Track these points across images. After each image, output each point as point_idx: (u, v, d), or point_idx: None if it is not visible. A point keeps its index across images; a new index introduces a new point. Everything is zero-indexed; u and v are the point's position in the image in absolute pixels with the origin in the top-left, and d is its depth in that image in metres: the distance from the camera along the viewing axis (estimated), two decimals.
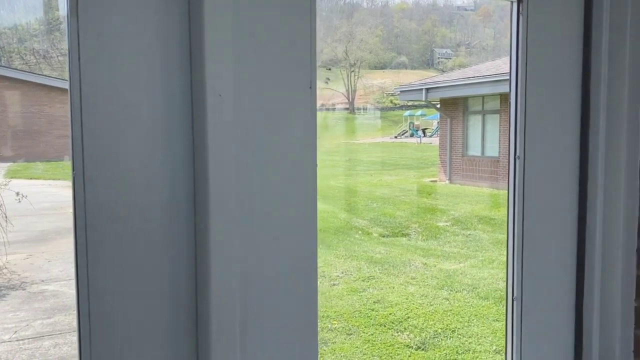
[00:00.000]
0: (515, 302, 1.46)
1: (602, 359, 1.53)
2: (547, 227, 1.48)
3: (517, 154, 1.42)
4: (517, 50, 1.43)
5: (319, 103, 1.15)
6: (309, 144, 1.14)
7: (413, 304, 5.66)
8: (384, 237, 9.10)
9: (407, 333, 4.89)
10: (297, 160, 1.13)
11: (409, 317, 5.26)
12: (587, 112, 1.50)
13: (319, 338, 1.16)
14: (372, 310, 5.48)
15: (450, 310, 5.51)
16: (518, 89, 1.43)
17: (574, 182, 1.50)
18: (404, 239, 9.00)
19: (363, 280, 6.44)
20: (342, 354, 4.46)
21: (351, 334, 4.84)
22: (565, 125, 1.49)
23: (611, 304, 1.49)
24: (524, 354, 1.50)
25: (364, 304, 5.64)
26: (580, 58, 1.49)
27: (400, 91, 18.15)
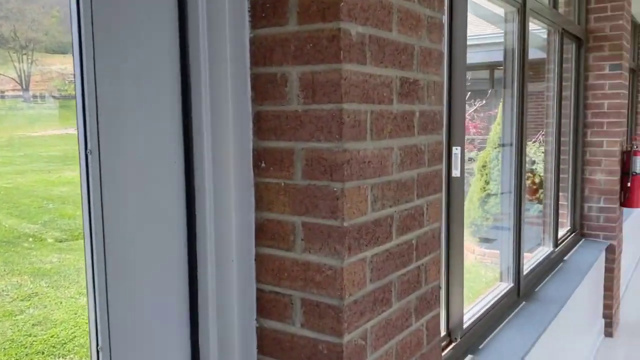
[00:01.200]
0: (101, 354, 1.06)
1: None
2: (141, 241, 1.11)
3: (89, 147, 1.02)
4: (79, 42, 1.02)
5: None
6: None
7: (83, 318, 4.93)
8: (60, 242, 8.01)
9: (72, 356, 4.18)
10: None
11: (75, 337, 4.53)
12: (188, 102, 1.19)
13: None
14: (30, 335, 4.56)
15: None
16: (84, 75, 1.02)
17: (176, 184, 1.18)
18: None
19: (22, 300, 5.37)
20: None
21: None
22: (159, 112, 1.14)
23: (229, 328, 1.22)
24: None
25: (19, 330, 4.65)
26: (177, 45, 1.16)
27: None
